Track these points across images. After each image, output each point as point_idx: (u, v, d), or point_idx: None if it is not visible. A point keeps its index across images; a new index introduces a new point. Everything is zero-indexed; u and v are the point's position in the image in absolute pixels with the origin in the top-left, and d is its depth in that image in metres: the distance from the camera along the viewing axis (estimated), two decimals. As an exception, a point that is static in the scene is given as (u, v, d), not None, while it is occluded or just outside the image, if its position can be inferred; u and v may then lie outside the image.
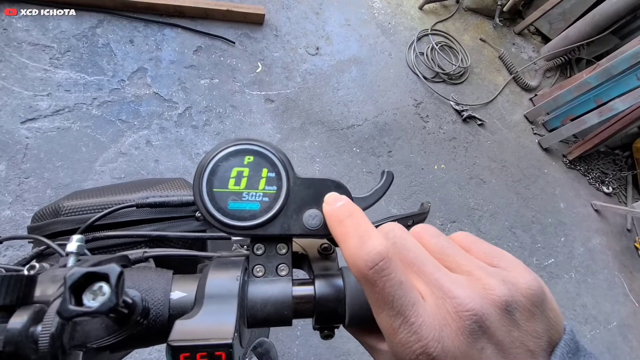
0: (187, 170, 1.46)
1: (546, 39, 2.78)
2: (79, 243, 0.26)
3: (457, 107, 2.19)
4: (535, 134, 2.39)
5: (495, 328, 0.18)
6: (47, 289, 0.18)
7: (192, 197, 0.34)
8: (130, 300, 0.18)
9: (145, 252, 0.30)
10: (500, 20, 2.69)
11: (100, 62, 1.55)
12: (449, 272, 0.20)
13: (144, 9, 1.68)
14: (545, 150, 2.35)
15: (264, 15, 1.89)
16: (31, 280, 0.18)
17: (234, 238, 0.27)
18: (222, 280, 0.21)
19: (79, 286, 0.14)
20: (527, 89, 2.54)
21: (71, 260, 0.25)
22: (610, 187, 2.38)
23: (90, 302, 0.14)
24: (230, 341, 0.19)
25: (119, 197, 0.36)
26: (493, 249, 0.22)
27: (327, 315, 0.23)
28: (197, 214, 0.38)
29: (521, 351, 0.19)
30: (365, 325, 0.23)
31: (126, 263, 0.26)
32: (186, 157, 1.50)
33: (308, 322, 1.41)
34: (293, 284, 0.24)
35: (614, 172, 2.44)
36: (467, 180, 2.02)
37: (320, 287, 0.23)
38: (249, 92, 1.74)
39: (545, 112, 2.40)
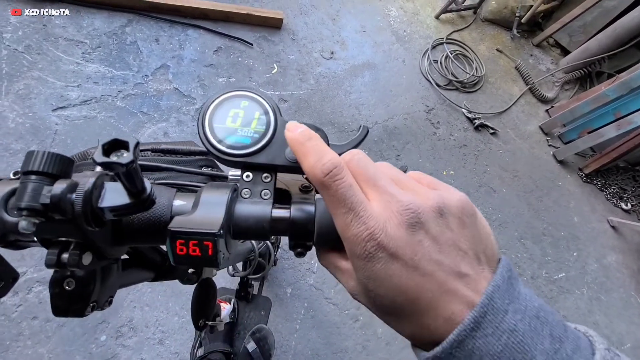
0: (200, 162, 1.53)
1: (565, 52, 2.74)
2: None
3: (469, 115, 2.19)
4: (550, 145, 2.35)
5: (430, 225, 0.22)
6: (80, 179, 0.24)
7: (199, 148, 0.39)
8: (142, 181, 0.22)
9: (155, 180, 0.35)
10: (518, 32, 2.69)
11: (127, 58, 1.66)
12: (398, 187, 0.24)
13: (170, 11, 1.80)
14: (560, 162, 2.31)
15: (282, 19, 1.97)
16: (71, 163, 0.23)
17: (231, 174, 0.32)
18: (215, 194, 0.26)
19: (107, 150, 0.19)
20: (543, 100, 2.51)
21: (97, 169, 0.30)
22: (629, 204, 2.30)
23: (115, 159, 0.19)
24: (215, 231, 0.23)
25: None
26: (437, 181, 0.26)
27: (299, 233, 0.27)
28: (203, 169, 0.42)
29: (453, 249, 0.22)
30: (329, 244, 0.27)
31: None
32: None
33: (307, 317, 1.43)
34: (273, 207, 0.28)
35: (633, 188, 2.36)
36: (477, 188, 2.01)
37: (295, 210, 0.27)
38: (263, 92, 1.81)
39: (562, 124, 2.36)
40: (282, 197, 0.31)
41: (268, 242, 1.01)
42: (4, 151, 1.34)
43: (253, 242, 0.93)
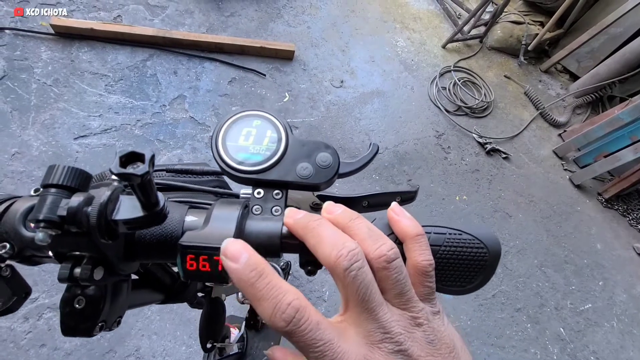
0: (213, 187, 1.56)
1: (574, 77, 2.76)
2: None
3: (480, 140, 2.18)
4: (565, 169, 2.31)
5: (415, 351, 0.21)
6: (97, 193, 0.24)
7: (212, 169, 0.40)
8: (156, 195, 0.22)
9: (169, 197, 0.36)
10: (525, 59, 2.73)
11: (147, 89, 1.74)
12: (386, 307, 0.22)
13: (189, 46, 1.91)
14: (578, 187, 2.25)
15: (294, 51, 2.06)
16: (89, 177, 0.24)
17: (242, 192, 0.32)
18: (226, 210, 0.26)
19: (124, 162, 0.19)
20: (555, 124, 2.50)
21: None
22: (655, 230, 2.19)
23: (131, 170, 0.19)
24: None
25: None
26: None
27: (309, 250, 0.26)
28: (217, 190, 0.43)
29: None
30: None
31: None
32: (213, 176, 1.60)
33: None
34: (284, 223, 0.27)
35: (658, 213, 2.26)
36: (492, 214, 1.96)
37: None
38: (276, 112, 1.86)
39: (576, 148, 2.33)
40: None
41: (278, 268, 0.99)
42: (26, 178, 1.39)
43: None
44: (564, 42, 2.76)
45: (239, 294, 1.00)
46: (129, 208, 0.22)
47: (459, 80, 2.38)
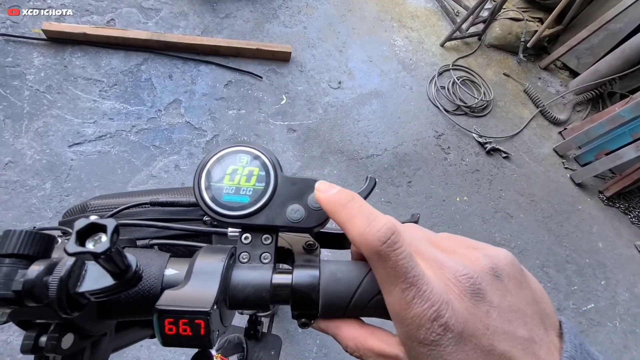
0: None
1: (574, 74, 2.73)
2: None
3: (480, 140, 2.16)
4: (566, 168, 2.29)
5: (490, 292, 0.19)
6: (63, 254, 0.22)
7: None
8: (126, 260, 0.20)
9: (151, 240, 0.34)
10: (524, 56, 2.70)
11: (141, 94, 1.72)
12: (440, 251, 0.21)
13: (183, 49, 1.88)
14: (579, 185, 2.23)
15: (290, 53, 2.03)
16: (51, 240, 0.22)
17: (230, 231, 0.30)
18: (209, 261, 0.24)
19: (84, 234, 0.17)
20: (555, 122, 2.48)
21: None
22: (656, 228, 2.18)
23: (91, 247, 0.17)
24: (207, 309, 0.21)
25: (136, 198, 0.41)
26: (472, 240, 0.24)
27: (302, 302, 0.24)
28: (205, 218, 0.41)
29: (519, 316, 0.19)
30: (336, 315, 0.24)
31: (133, 245, 0.29)
32: (210, 181, 1.58)
33: (319, 356, 1.36)
34: (274, 272, 0.25)
35: (659, 211, 2.25)
36: (492, 214, 1.94)
37: (297, 276, 0.25)
38: (272, 122, 1.84)
39: (577, 146, 2.31)
40: (285, 257, 0.29)
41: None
42: (20, 187, 1.37)
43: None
44: (563, 38, 2.73)
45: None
46: (97, 276, 0.20)
47: (458, 79, 2.35)
